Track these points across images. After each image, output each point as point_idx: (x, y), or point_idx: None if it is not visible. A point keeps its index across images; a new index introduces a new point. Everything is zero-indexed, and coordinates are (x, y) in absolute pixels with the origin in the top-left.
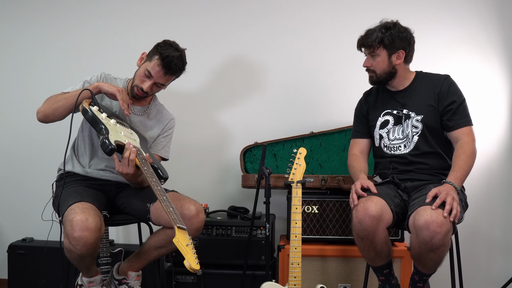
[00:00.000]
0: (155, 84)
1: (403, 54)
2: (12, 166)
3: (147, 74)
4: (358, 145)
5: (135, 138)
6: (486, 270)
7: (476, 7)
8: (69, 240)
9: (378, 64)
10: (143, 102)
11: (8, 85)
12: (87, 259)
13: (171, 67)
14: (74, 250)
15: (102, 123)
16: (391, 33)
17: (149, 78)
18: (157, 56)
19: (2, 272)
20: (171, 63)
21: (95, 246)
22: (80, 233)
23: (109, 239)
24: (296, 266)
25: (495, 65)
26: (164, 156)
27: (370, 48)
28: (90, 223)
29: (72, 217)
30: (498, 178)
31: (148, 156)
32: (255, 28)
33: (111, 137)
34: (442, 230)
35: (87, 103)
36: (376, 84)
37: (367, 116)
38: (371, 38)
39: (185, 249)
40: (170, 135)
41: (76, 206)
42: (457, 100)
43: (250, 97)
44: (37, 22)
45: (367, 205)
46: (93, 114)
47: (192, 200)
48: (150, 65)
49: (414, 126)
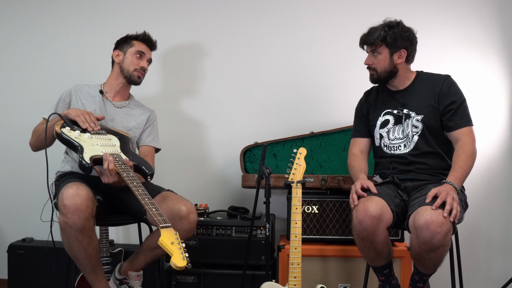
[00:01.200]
0: (148, 61)
1: (404, 54)
2: (12, 166)
3: (139, 55)
4: (358, 145)
5: (114, 142)
6: (486, 270)
7: (476, 7)
8: (61, 210)
9: (379, 63)
10: (124, 97)
11: (8, 85)
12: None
13: (152, 40)
14: (67, 220)
15: (75, 142)
16: (394, 32)
17: (141, 58)
18: (136, 41)
19: (2, 272)
20: (150, 37)
21: (88, 216)
22: (71, 200)
23: (109, 239)
24: (296, 266)
25: (495, 65)
26: (156, 146)
27: (372, 46)
28: (81, 191)
29: (64, 191)
30: (498, 178)
31: (127, 160)
32: (255, 28)
33: (86, 155)
34: (442, 230)
35: (59, 127)
36: (377, 82)
37: (368, 115)
38: (373, 35)
39: (169, 248)
40: (155, 124)
41: (70, 185)
42: (458, 100)
43: (250, 97)
44: (37, 22)
45: (367, 205)
46: (65, 136)
47: (184, 200)
48: (136, 48)
49: (414, 126)
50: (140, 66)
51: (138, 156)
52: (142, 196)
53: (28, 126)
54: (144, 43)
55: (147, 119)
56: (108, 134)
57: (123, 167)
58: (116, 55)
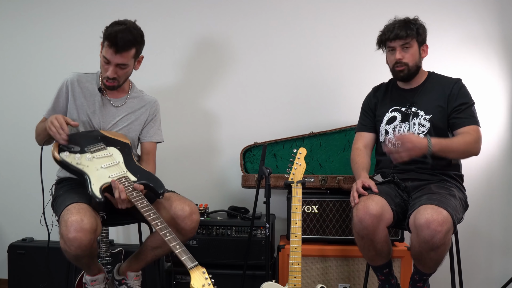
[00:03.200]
0: (117, 66)
1: (427, 48)
2: (12, 166)
3: (105, 61)
4: (363, 139)
5: (117, 158)
6: (486, 270)
7: (476, 7)
8: (64, 241)
9: (411, 56)
10: (122, 93)
11: (8, 85)
12: (84, 259)
13: (117, 42)
14: (69, 250)
15: (79, 171)
16: (420, 25)
17: (108, 64)
18: (105, 40)
19: (2, 272)
20: (116, 38)
21: (90, 247)
22: (75, 234)
23: (109, 239)
24: (296, 266)
25: (495, 65)
26: (158, 140)
27: (406, 39)
28: (85, 224)
29: (67, 218)
30: (498, 178)
31: (136, 186)
32: (255, 27)
33: (94, 186)
34: (443, 229)
35: (56, 150)
36: (405, 79)
37: (375, 110)
38: (405, 29)
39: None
40: (157, 117)
41: (72, 207)
42: (467, 102)
43: (250, 96)
44: (37, 21)
45: (368, 204)
46: (67, 164)
47: (187, 201)
48: (104, 51)
49: (421, 125)
50: (106, 76)
51: (144, 171)
52: (163, 231)
53: (27, 126)
54: (109, 46)
55: (147, 117)
56: (108, 147)
57: (134, 194)
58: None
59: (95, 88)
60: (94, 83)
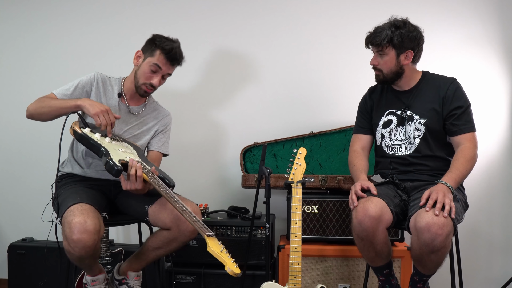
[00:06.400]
0: (163, 77)
1: (411, 54)
2: (12, 166)
3: (154, 69)
4: (360, 141)
5: (132, 151)
6: (486, 270)
7: (476, 7)
8: (68, 242)
9: (385, 64)
10: (140, 101)
11: (8, 85)
12: (87, 260)
13: (177, 57)
14: (73, 252)
15: (99, 145)
16: (401, 32)
17: (156, 73)
18: (159, 51)
19: (2, 272)
20: (176, 54)
21: (94, 248)
22: (79, 236)
23: (109, 239)
24: (296, 266)
25: (495, 65)
26: (165, 152)
27: (378, 47)
28: (89, 225)
29: (71, 219)
30: (498, 178)
31: (154, 169)
32: (255, 27)
33: (114, 157)
34: (444, 232)
35: (77, 126)
36: (382, 83)
37: (371, 113)
38: (380, 36)
39: (221, 256)
40: (168, 131)
41: (75, 208)
42: (462, 105)
43: (250, 96)
44: (37, 22)
45: (367, 206)
46: (88, 137)
47: (189, 201)
48: (154, 59)
49: (417, 129)
50: (150, 82)
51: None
52: (177, 205)
53: (28, 126)
54: (167, 59)
55: (158, 127)
56: (123, 142)
57: (151, 175)
58: (137, 56)
59: (115, 93)
60: (115, 88)
